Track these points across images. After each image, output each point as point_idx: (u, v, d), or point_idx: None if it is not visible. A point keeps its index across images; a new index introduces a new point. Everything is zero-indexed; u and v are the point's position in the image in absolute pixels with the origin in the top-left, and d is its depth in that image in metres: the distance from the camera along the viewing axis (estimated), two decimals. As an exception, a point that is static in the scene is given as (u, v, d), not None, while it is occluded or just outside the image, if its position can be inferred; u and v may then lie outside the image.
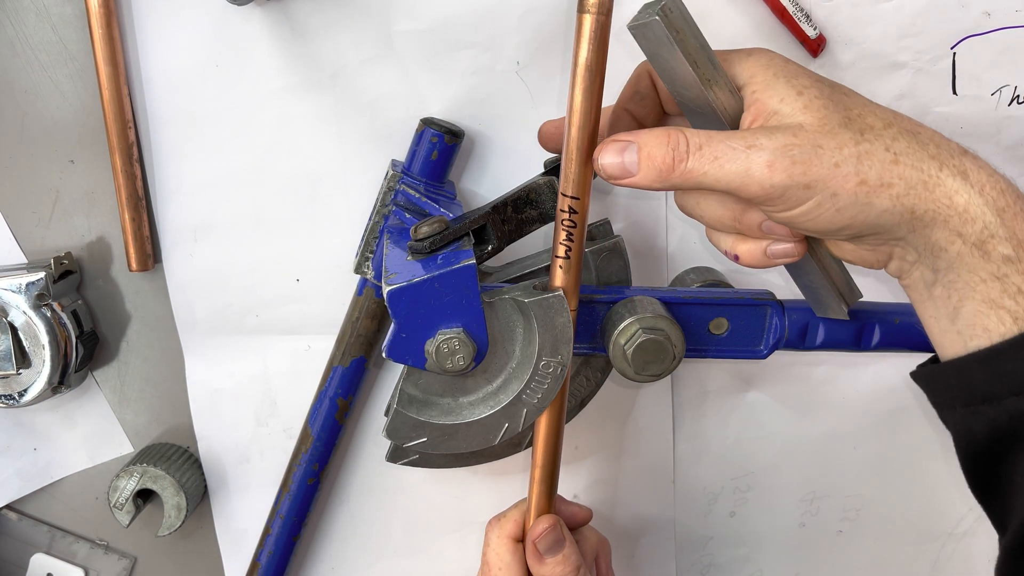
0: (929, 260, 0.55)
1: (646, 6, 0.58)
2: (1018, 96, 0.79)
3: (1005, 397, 0.53)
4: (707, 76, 0.58)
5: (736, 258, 0.62)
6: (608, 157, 0.58)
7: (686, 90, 0.59)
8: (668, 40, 0.56)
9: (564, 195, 0.60)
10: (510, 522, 0.71)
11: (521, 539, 0.71)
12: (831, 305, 0.68)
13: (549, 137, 0.74)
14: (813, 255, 0.64)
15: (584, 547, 0.73)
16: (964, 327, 0.55)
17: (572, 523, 0.74)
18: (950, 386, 0.56)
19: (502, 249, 0.70)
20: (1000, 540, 0.57)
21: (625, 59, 0.68)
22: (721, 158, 0.54)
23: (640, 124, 0.67)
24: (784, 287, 0.83)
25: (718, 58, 0.59)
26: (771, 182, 0.53)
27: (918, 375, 0.61)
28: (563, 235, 0.61)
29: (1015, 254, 0.52)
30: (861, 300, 0.69)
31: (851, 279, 0.67)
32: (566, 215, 0.61)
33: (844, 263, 0.64)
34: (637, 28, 0.57)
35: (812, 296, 0.69)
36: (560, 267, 0.62)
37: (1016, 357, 0.52)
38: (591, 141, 0.59)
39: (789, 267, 0.66)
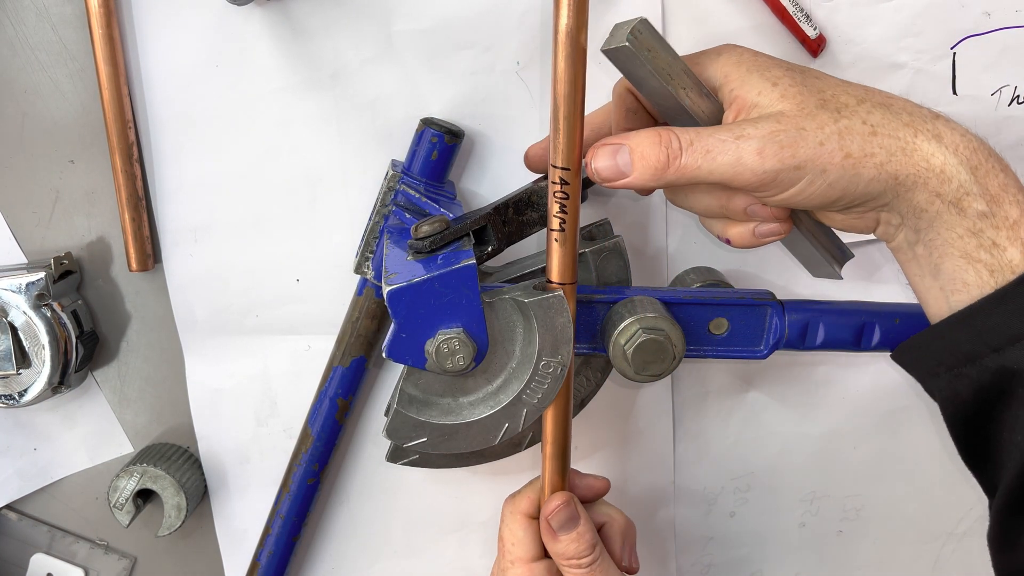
0: (912, 221, 0.58)
1: (616, 27, 0.61)
2: (1018, 96, 0.79)
3: (986, 355, 0.55)
4: (681, 85, 0.61)
5: (728, 241, 0.65)
6: (601, 160, 0.61)
7: (664, 101, 0.62)
8: (640, 61, 0.59)
9: (554, 167, 0.61)
10: (524, 499, 0.72)
11: (535, 516, 0.71)
12: (824, 268, 0.71)
13: (537, 160, 0.76)
14: (800, 227, 0.67)
15: (612, 529, 0.73)
16: (945, 282, 0.57)
17: (589, 495, 0.74)
18: (933, 352, 0.59)
19: (502, 250, 0.70)
20: (990, 506, 0.59)
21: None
22: (713, 151, 0.57)
23: None
24: (784, 287, 0.83)
25: (690, 63, 0.62)
26: (763, 168, 0.56)
27: (900, 352, 0.64)
28: (556, 208, 0.61)
29: (988, 209, 0.55)
30: (861, 300, 0.70)
31: (840, 242, 0.70)
32: (557, 187, 0.61)
33: (833, 229, 0.67)
34: (610, 52, 0.61)
35: (806, 262, 0.73)
36: (556, 240, 0.62)
37: (994, 313, 0.55)
38: (578, 109, 0.60)
39: (782, 240, 0.68)
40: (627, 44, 0.58)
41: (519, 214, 0.70)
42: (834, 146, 0.56)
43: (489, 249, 0.69)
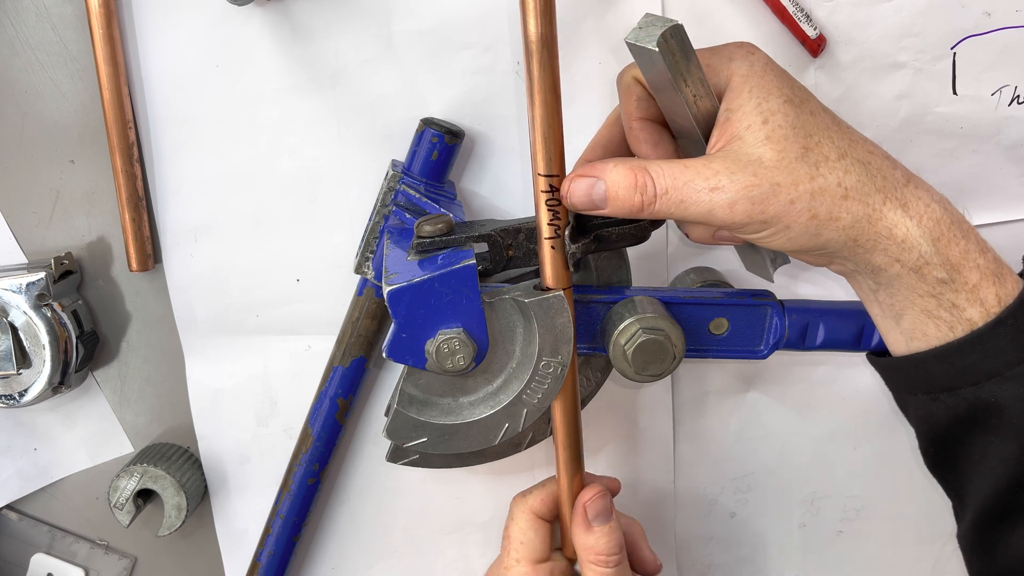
0: (870, 274, 0.60)
1: (648, 20, 0.58)
2: (1018, 96, 0.79)
3: (963, 387, 0.58)
4: (693, 93, 0.60)
5: (687, 235, 0.66)
6: (577, 194, 0.61)
7: (671, 105, 0.62)
8: (663, 66, 0.58)
9: (541, 175, 0.61)
10: (536, 498, 0.71)
11: (545, 517, 0.71)
12: (761, 269, 0.74)
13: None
14: None
15: (635, 535, 0.74)
16: (906, 329, 0.61)
17: None
18: (911, 377, 0.62)
19: (498, 272, 0.69)
20: (955, 509, 0.66)
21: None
22: (686, 201, 0.58)
23: (651, 130, 0.67)
24: (784, 288, 0.83)
25: (701, 57, 0.60)
26: (732, 220, 0.57)
27: (876, 362, 0.66)
28: (549, 216, 0.62)
29: (948, 276, 0.57)
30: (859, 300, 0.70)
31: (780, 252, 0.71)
32: (548, 195, 0.61)
33: None
34: (635, 48, 0.58)
35: (745, 260, 0.75)
36: (552, 247, 0.62)
37: (973, 352, 0.57)
38: (557, 115, 0.60)
39: None
40: (655, 49, 0.56)
41: (530, 241, 0.68)
42: (803, 206, 0.57)
43: (480, 268, 0.67)
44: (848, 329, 0.70)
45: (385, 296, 0.62)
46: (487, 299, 0.63)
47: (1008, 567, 0.61)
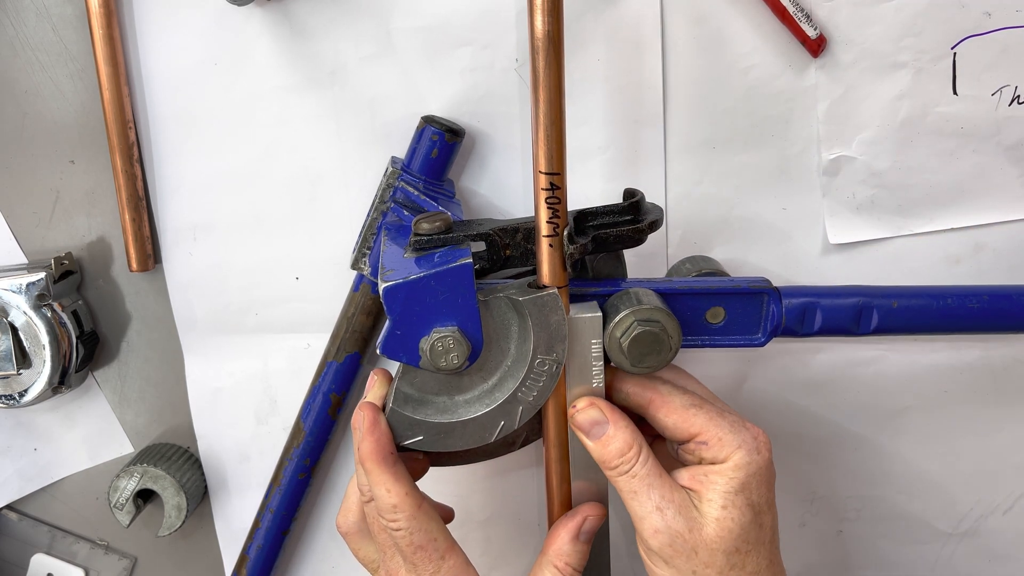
0: None
1: None
2: (1018, 96, 0.78)
3: None
4: None
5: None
6: (582, 420, 0.66)
7: None
8: None
9: (542, 173, 0.60)
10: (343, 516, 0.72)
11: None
12: None
13: None
14: None
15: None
16: None
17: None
18: None
19: (495, 271, 0.69)
20: None
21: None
22: (639, 495, 0.63)
23: None
24: (780, 274, 0.83)
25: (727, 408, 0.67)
26: (649, 538, 0.62)
27: None
28: (548, 214, 0.61)
29: None
30: (860, 284, 0.70)
31: None
32: (548, 192, 0.61)
33: None
34: None
35: None
36: (551, 245, 0.62)
37: None
38: (561, 112, 0.60)
39: None
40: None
41: (528, 242, 0.68)
42: None
43: (477, 267, 0.67)
44: (846, 313, 0.68)
45: (381, 292, 0.61)
46: (481, 297, 0.63)
47: None
